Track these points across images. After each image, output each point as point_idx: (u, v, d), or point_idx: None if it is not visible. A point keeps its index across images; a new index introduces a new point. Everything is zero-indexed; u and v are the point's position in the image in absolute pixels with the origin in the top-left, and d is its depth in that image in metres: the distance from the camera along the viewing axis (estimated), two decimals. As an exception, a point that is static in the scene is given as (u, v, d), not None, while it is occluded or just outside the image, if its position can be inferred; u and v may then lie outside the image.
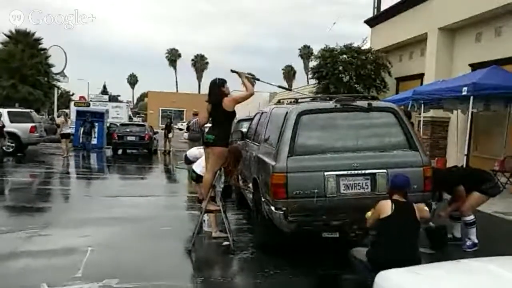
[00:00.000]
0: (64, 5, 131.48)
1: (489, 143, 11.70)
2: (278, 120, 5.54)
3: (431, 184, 5.16)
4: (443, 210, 5.87)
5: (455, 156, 12.24)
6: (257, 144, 6.49)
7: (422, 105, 11.41)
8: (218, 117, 5.88)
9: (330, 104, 5.39)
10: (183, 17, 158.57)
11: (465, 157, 9.33)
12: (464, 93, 8.80)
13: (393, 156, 5.16)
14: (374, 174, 5.05)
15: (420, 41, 14.72)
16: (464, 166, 8.98)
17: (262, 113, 7.19)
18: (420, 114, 12.24)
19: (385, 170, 5.04)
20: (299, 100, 5.87)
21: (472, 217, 5.93)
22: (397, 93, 15.71)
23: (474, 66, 11.93)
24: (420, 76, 14.61)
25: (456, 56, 13.27)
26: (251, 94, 5.94)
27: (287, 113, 5.31)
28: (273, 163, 5.11)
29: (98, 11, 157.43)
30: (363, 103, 5.37)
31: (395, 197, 4.30)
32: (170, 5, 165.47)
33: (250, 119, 9.17)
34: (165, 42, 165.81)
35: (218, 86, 5.90)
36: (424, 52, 14.51)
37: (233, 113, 5.96)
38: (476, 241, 5.94)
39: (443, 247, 5.83)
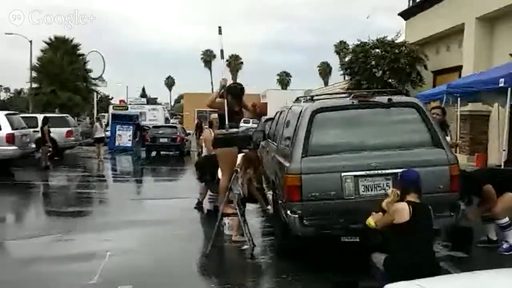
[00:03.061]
0: (104, 7, 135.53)
1: (532, 137, 10.95)
2: (294, 119, 5.30)
3: (458, 183, 4.78)
4: (471, 213, 5.44)
5: (497, 152, 11.55)
6: (275, 144, 6.27)
7: (458, 99, 10.80)
8: None
9: (347, 101, 5.11)
10: (218, 17, 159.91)
11: (504, 153, 8.72)
12: (501, 84, 8.20)
13: (416, 154, 4.80)
14: (396, 174, 4.71)
15: (457, 32, 14.03)
16: (503, 162, 8.39)
17: (282, 111, 6.96)
18: (457, 108, 11.65)
19: (407, 170, 4.70)
20: (315, 98, 5.59)
21: (506, 219, 5.46)
22: (434, 87, 15.05)
23: (515, 56, 11.20)
24: (458, 68, 13.92)
25: (496, 46, 12.54)
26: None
27: (301, 111, 5.07)
28: (287, 164, 4.89)
29: (139, 15, 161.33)
30: (382, 99, 5.05)
31: (410, 198, 3.93)
32: (204, 6, 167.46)
33: (274, 119, 8.93)
34: (200, 43, 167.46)
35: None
36: (461, 43, 13.82)
37: (221, 116, 5.82)
38: None
39: (467, 251, 5.42)
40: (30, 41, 30.19)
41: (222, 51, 5.88)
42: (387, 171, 4.70)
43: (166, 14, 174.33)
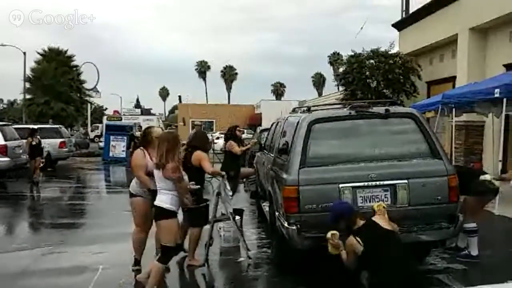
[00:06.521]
0: (97, 18, 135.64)
1: (528, 148, 10.97)
2: (290, 130, 5.25)
3: (457, 194, 4.73)
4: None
5: (491, 162, 11.55)
6: (272, 155, 6.21)
7: (454, 109, 10.82)
8: None
9: (344, 112, 5.06)
10: (211, 28, 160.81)
11: (500, 163, 8.71)
12: (497, 95, 8.24)
13: (414, 165, 4.76)
14: (394, 185, 4.67)
15: (450, 42, 14.14)
16: (499, 173, 8.36)
17: (278, 122, 6.91)
18: (452, 119, 11.66)
19: (405, 181, 4.66)
20: (312, 108, 5.53)
21: (473, 224, 5.43)
22: (428, 97, 15.10)
23: (509, 67, 11.27)
24: (452, 79, 13.99)
25: (489, 57, 12.61)
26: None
27: (298, 122, 5.01)
28: (284, 175, 4.81)
29: (133, 27, 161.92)
30: (380, 109, 5.01)
31: (357, 224, 4.06)
32: (198, 17, 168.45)
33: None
34: (194, 54, 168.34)
35: None
36: (455, 54, 13.91)
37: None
38: (474, 253, 5.48)
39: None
40: (24, 53, 30.10)
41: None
42: (386, 182, 4.65)
43: (160, 25, 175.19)
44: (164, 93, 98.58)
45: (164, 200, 4.48)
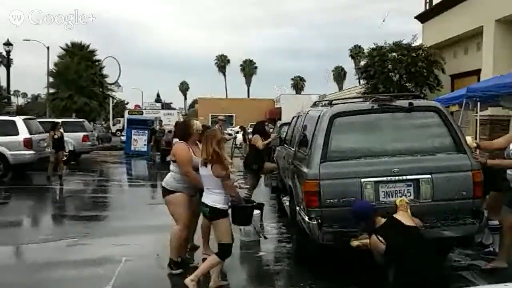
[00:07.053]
0: (118, 14, 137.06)
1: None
2: (311, 124, 5.22)
3: (482, 190, 4.64)
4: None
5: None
6: (292, 149, 6.19)
7: (478, 103, 10.59)
8: None
9: (367, 105, 5.00)
10: (231, 23, 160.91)
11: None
12: (523, 88, 8.03)
13: (437, 160, 4.67)
14: (417, 180, 4.60)
15: (475, 35, 13.81)
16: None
17: (299, 116, 6.88)
18: (476, 113, 11.43)
19: (429, 176, 4.58)
20: (333, 102, 5.49)
21: (498, 221, 5.31)
22: (452, 91, 14.82)
23: (536, 59, 10.98)
24: (477, 72, 13.68)
25: (516, 49, 12.30)
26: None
27: (319, 116, 4.97)
28: (305, 169, 4.79)
29: (152, 21, 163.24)
30: (403, 103, 4.93)
31: (378, 222, 4.03)
32: (217, 12, 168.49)
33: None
34: (214, 48, 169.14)
35: None
36: (480, 46, 13.59)
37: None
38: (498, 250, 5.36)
39: None
40: (48, 47, 30.54)
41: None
42: (409, 177, 4.58)
43: (180, 19, 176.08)
44: (184, 88, 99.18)
45: (218, 200, 4.50)
